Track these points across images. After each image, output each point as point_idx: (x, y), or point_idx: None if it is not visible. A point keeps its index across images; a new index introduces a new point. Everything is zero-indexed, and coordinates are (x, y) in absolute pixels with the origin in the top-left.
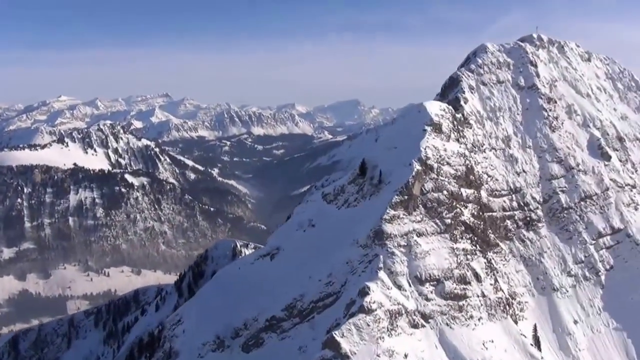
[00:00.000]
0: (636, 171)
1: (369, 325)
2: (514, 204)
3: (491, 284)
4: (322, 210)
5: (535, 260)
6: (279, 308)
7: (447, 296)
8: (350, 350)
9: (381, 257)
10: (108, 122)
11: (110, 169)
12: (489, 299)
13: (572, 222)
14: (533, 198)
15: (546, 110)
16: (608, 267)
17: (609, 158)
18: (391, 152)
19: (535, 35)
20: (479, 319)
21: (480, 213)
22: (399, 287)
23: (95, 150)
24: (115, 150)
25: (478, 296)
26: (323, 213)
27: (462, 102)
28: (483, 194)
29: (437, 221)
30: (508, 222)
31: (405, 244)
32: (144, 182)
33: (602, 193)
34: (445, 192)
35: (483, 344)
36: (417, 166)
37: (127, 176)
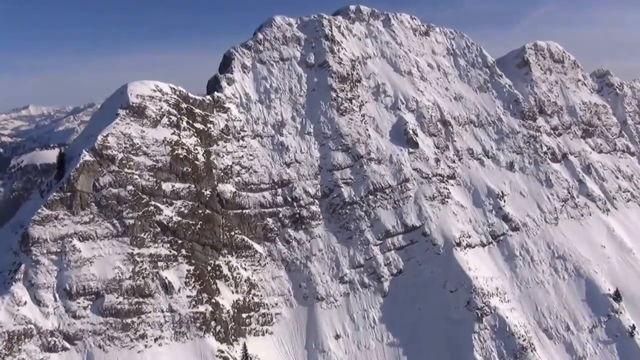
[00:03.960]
0: (460, 159)
1: None
2: (279, 199)
3: (190, 296)
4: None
5: (300, 264)
6: None
7: (107, 312)
8: None
9: (23, 266)
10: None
11: None
12: (180, 314)
13: (354, 220)
14: (306, 192)
15: (335, 91)
16: (395, 271)
17: (415, 145)
18: (88, 141)
19: (352, 8)
20: (156, 339)
21: (200, 211)
22: (39, 303)
23: None
24: None
25: (162, 311)
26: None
27: (222, 84)
28: (229, 187)
29: (115, 222)
30: (269, 221)
31: (59, 250)
32: None
33: (399, 185)
34: (131, 187)
35: None
36: (86, 157)
37: None
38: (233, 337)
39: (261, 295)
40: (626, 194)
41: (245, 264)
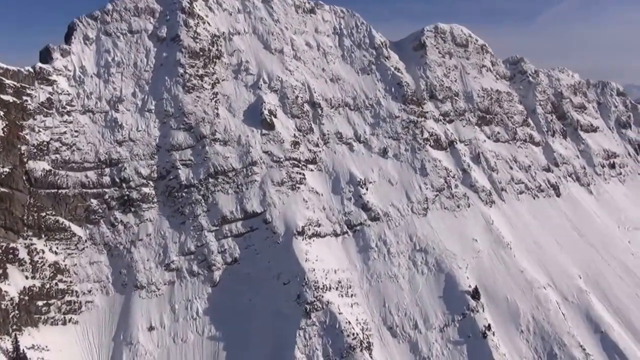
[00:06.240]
0: (326, 143)
1: None
2: (106, 179)
3: None
4: None
5: (123, 249)
6: None
7: None
8: None
9: None
10: None
11: None
12: None
13: (190, 204)
14: (138, 173)
15: (183, 67)
16: (230, 260)
17: (270, 126)
18: None
19: None
20: None
21: None
22: None
23: None
24: None
25: None
26: None
27: (53, 55)
28: (42, 165)
29: None
30: (93, 202)
31: None
32: None
33: (244, 169)
34: None
35: None
36: None
37: None
38: (15, 327)
39: (70, 282)
40: (519, 186)
41: (57, 248)
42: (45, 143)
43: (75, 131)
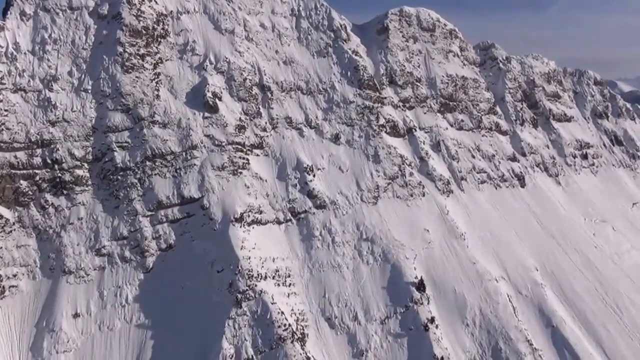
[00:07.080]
0: (274, 127)
1: None
2: (37, 160)
3: None
4: None
5: (53, 233)
6: None
7: None
8: None
9: None
10: None
11: None
12: None
13: (125, 187)
14: (71, 154)
15: (123, 46)
16: (165, 246)
17: (213, 109)
18: None
19: None
20: None
21: None
22: None
23: None
24: None
25: None
26: None
27: None
28: None
29: None
30: (23, 184)
31: None
32: None
33: (184, 152)
34: None
35: None
36: None
37: None
38: None
39: None
40: (481, 175)
41: None
42: None
43: (5, 110)
